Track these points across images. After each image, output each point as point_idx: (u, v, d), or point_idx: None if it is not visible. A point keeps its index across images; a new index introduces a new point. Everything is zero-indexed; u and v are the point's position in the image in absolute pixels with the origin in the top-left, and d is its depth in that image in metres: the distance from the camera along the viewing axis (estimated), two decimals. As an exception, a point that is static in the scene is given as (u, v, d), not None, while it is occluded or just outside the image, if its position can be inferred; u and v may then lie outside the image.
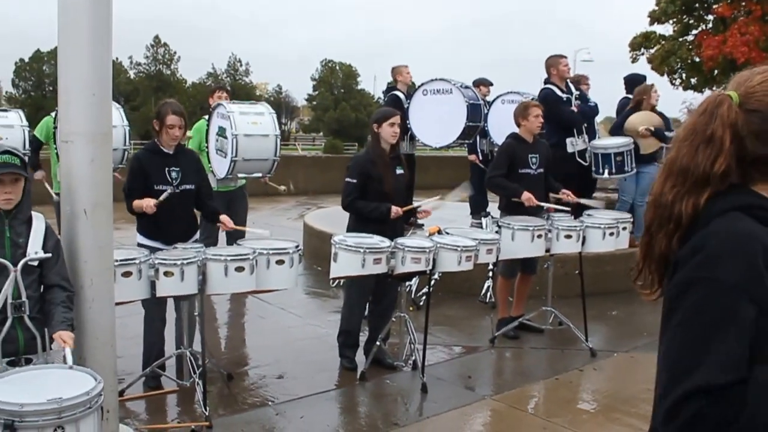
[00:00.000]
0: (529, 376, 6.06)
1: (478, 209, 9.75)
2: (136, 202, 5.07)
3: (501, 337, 6.77)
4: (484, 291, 8.07)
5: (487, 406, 5.38)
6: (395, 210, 5.64)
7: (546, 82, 8.26)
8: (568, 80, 8.40)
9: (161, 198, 5.01)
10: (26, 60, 59.77)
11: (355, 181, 5.74)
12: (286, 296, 7.66)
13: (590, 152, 8.41)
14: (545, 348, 6.74)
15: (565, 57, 8.35)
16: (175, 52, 63.37)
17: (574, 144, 8.31)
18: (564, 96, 8.19)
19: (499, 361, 6.52)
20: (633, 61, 22.32)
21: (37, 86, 59.03)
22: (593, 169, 8.38)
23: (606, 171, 8.27)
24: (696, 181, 1.54)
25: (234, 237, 6.11)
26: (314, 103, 68.22)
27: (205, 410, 4.78)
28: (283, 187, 8.65)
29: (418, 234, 6.66)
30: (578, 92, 8.52)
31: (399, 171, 5.90)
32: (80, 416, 2.81)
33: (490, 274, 7.91)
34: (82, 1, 3.61)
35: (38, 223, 3.51)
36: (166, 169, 5.19)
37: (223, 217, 5.40)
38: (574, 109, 8.22)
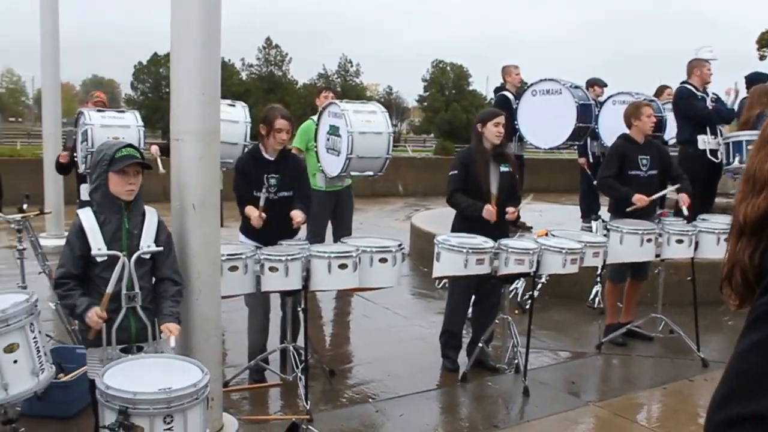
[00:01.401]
0: (636, 384, 5.86)
1: (588, 212, 9.52)
2: (248, 211, 5.23)
3: (608, 344, 6.58)
4: (592, 296, 7.85)
5: (590, 412, 5.24)
6: (488, 209, 5.56)
7: (684, 82, 8.06)
8: (706, 86, 8.17)
9: (261, 205, 5.12)
10: (144, 63, 62.44)
11: (456, 172, 5.74)
12: (391, 296, 7.73)
13: (722, 145, 8.07)
14: (654, 356, 6.49)
15: (709, 62, 8.12)
16: (286, 54, 64.58)
17: (706, 141, 8.00)
18: (699, 95, 7.96)
19: (605, 367, 6.34)
20: (761, 59, 21.16)
21: (155, 88, 61.47)
22: (724, 162, 8.01)
23: (736, 159, 7.86)
24: (758, 186, 1.45)
25: (339, 236, 6.19)
26: (425, 104, 68.14)
27: (307, 404, 4.87)
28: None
29: (527, 236, 6.55)
30: (715, 96, 8.24)
31: (504, 168, 5.82)
32: (187, 406, 2.94)
33: (599, 278, 7.69)
34: (193, 7, 3.76)
35: (151, 216, 3.67)
36: (265, 176, 5.30)
37: (294, 212, 5.41)
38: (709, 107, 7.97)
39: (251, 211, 5.18)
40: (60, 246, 6.85)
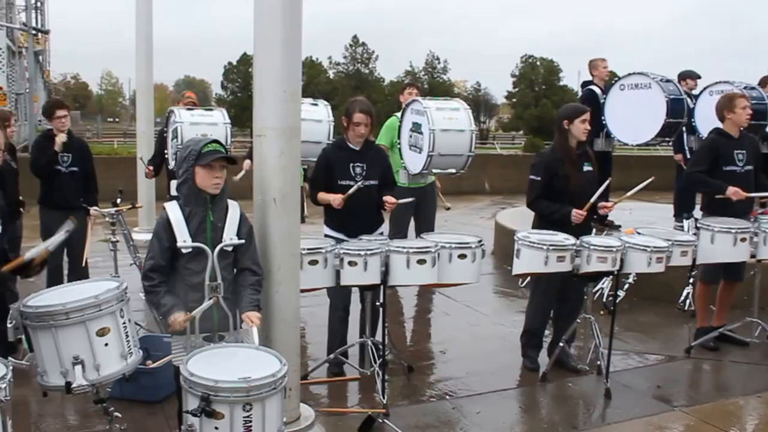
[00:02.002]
0: (727, 391, 5.64)
1: (682, 211, 9.20)
2: (323, 195, 5.31)
3: (699, 348, 6.36)
4: (683, 297, 7.61)
5: (676, 418, 5.08)
6: (577, 214, 5.46)
7: None
8: None
9: (350, 192, 5.20)
10: (234, 63, 63.88)
11: (539, 178, 5.63)
12: (473, 294, 7.71)
13: None
14: (748, 363, 6.22)
15: None
16: (373, 51, 64.90)
17: None
18: None
19: (695, 372, 6.13)
20: None
21: (244, 87, 62.67)
22: None
23: None
24: None
25: (425, 230, 6.19)
26: (514, 100, 67.31)
27: (383, 398, 4.90)
28: (448, 206, 8.58)
29: (614, 235, 6.40)
30: None
31: (586, 168, 5.70)
32: (266, 395, 3.02)
33: (691, 279, 7.44)
34: (276, 7, 3.84)
35: (234, 210, 3.77)
36: (351, 164, 5.37)
37: (387, 197, 5.42)
38: None
39: (329, 195, 5.24)
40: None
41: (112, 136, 42.57)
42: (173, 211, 3.66)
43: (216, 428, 2.98)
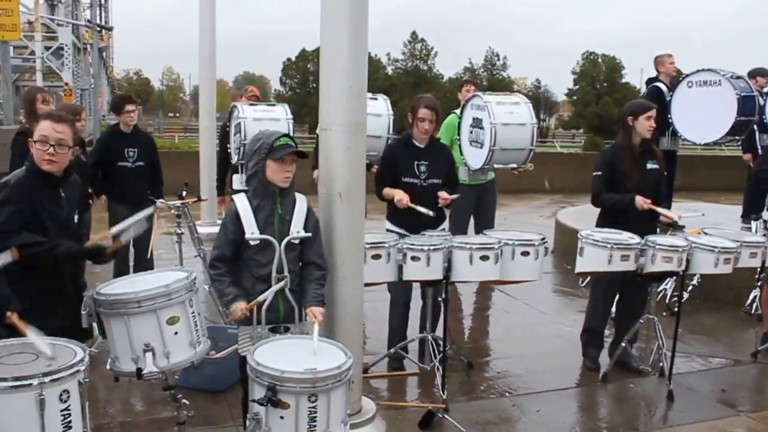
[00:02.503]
0: (796, 397, 5.50)
1: (750, 212, 8.96)
2: (388, 191, 5.33)
3: (765, 353, 6.20)
4: (749, 301, 7.43)
5: (741, 423, 4.97)
6: (641, 199, 5.37)
7: None
8: None
9: (418, 209, 5.13)
10: (293, 59, 64.46)
11: (600, 173, 5.57)
12: (532, 292, 7.67)
13: None
14: (818, 368, 6.05)
15: None
16: (432, 48, 64.86)
17: None
18: None
19: (761, 377, 5.97)
20: None
21: (302, 83, 63.34)
22: None
23: None
24: None
25: (481, 230, 6.16)
26: (574, 98, 66.44)
27: (443, 394, 4.91)
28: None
29: (679, 235, 6.28)
30: None
31: (651, 165, 5.60)
32: (331, 387, 3.06)
33: (758, 283, 7.26)
34: (343, 3, 3.88)
35: (301, 203, 3.82)
36: (416, 162, 5.38)
37: (441, 192, 5.39)
38: None
39: (394, 192, 5.26)
40: (213, 233, 7.27)
41: (172, 130, 43.43)
42: (242, 203, 3.73)
43: (281, 417, 3.03)
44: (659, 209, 5.45)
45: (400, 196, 5.18)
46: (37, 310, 3.30)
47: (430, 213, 5.11)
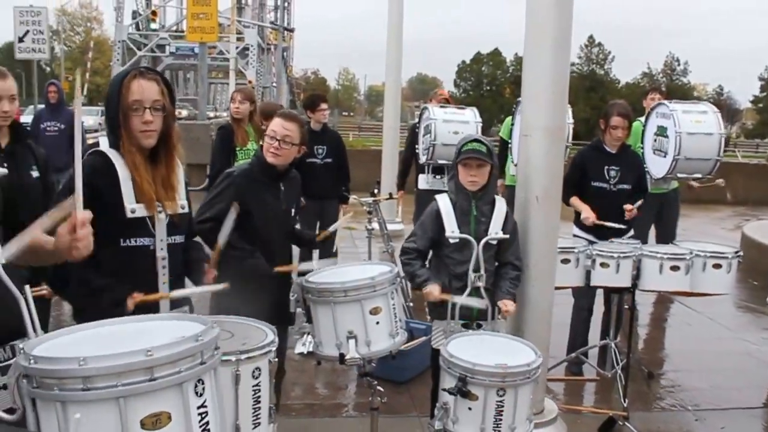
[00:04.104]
0: None
1: None
2: (577, 203, 5.36)
3: None
4: None
5: None
6: None
7: None
8: None
9: (607, 224, 5.17)
10: (467, 62, 64.52)
11: None
12: (715, 306, 7.40)
13: None
14: None
15: None
16: (609, 52, 62.95)
17: None
18: None
19: None
20: None
21: (476, 86, 63.27)
22: None
23: None
24: None
25: (662, 241, 6.06)
26: (760, 105, 62.22)
27: (624, 402, 4.88)
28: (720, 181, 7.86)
29: None
30: None
31: None
32: (520, 383, 3.16)
33: None
34: (547, 9, 3.98)
35: (500, 205, 3.96)
36: (606, 167, 5.37)
37: (627, 205, 5.32)
38: None
39: (580, 206, 5.28)
40: (392, 230, 7.56)
41: (347, 129, 44.85)
42: (444, 203, 3.92)
43: (469, 409, 3.16)
44: None
45: (587, 214, 5.20)
46: (246, 292, 3.60)
47: (621, 226, 5.12)
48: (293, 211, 3.98)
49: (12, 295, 2.11)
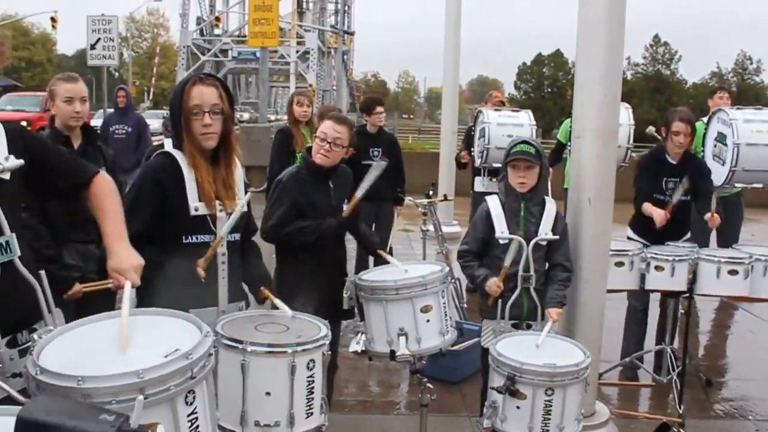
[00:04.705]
0: None
1: None
2: (648, 208, 5.24)
3: None
4: None
5: None
6: None
7: None
8: None
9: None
10: (528, 64, 63.93)
11: None
12: (780, 314, 7.22)
13: None
14: None
15: None
16: (675, 51, 61.55)
17: None
18: None
19: None
20: None
21: (537, 88, 62.59)
22: None
23: None
24: None
25: (724, 245, 5.94)
26: (837, 106, 59.85)
27: (679, 408, 4.82)
28: None
29: None
30: None
31: None
32: (568, 383, 3.18)
33: None
34: (600, 11, 3.98)
35: (550, 206, 3.97)
36: (665, 179, 5.32)
37: (708, 215, 5.24)
38: None
39: (650, 208, 5.22)
40: (447, 232, 7.60)
41: (406, 131, 44.94)
42: (494, 204, 3.96)
43: (517, 407, 3.20)
44: None
45: (661, 218, 5.10)
46: (302, 288, 3.60)
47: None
48: (344, 205, 4.03)
49: (29, 284, 2.32)
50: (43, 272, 2.38)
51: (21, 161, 2.33)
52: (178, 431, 1.97)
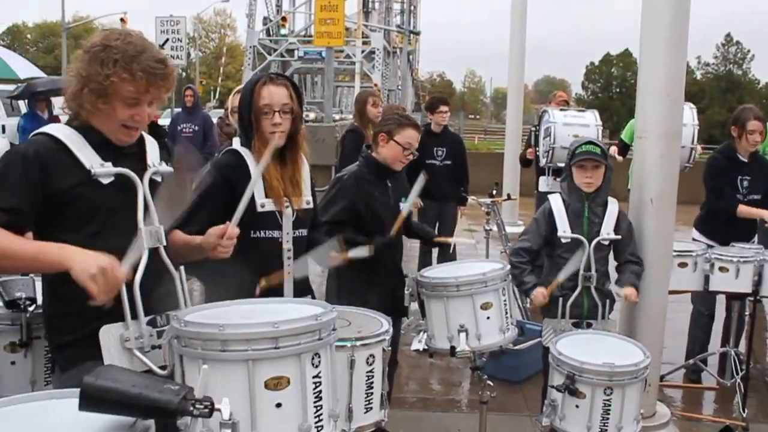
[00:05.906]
0: None
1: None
2: (747, 209, 5.16)
3: None
4: None
5: None
6: None
7: None
8: None
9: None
10: (596, 63, 62.89)
11: None
12: None
13: None
14: None
15: None
16: (748, 51, 59.71)
17: None
18: None
19: None
20: None
21: (605, 88, 61.52)
22: None
23: None
24: None
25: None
26: None
27: (743, 412, 4.76)
28: None
29: None
30: None
31: None
32: (627, 383, 3.19)
33: None
34: (663, 12, 3.99)
35: (612, 207, 3.99)
36: (739, 177, 5.25)
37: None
38: None
39: (749, 210, 5.13)
40: (512, 232, 7.60)
41: (472, 132, 44.80)
42: (556, 203, 4.00)
43: (576, 406, 3.22)
44: None
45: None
46: (359, 286, 3.76)
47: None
48: (401, 205, 4.07)
49: (170, 273, 2.50)
50: (182, 267, 2.57)
51: (172, 169, 2.59)
52: (304, 388, 2.15)
